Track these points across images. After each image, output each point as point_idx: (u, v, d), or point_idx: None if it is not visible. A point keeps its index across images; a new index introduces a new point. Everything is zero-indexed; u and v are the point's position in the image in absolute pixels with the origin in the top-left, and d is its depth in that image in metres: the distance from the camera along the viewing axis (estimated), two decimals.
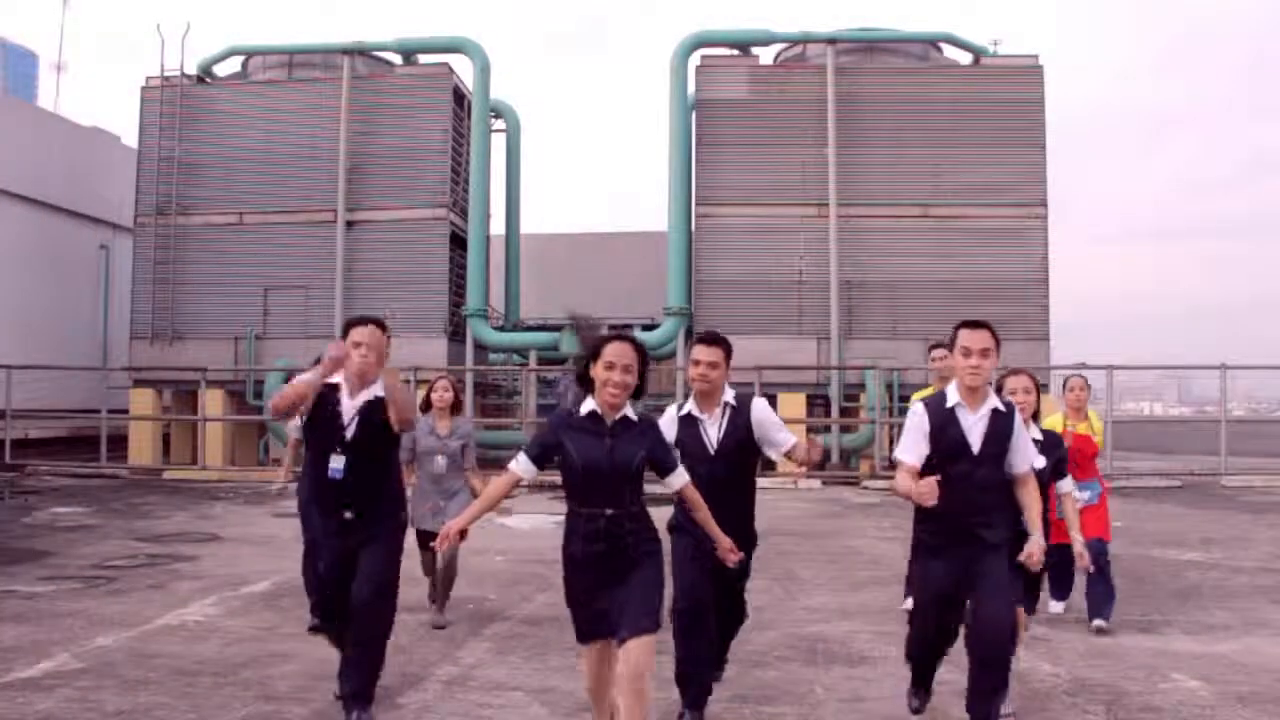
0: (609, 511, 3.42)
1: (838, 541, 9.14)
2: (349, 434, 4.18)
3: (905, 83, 16.71)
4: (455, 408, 6.22)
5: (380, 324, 4.30)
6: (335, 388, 4.24)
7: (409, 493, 5.63)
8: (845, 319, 16.28)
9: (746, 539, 4.20)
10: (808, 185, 16.37)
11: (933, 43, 17.43)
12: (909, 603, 5.87)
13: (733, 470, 4.20)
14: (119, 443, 16.91)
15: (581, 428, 3.49)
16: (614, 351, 3.47)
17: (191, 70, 17.89)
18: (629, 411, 3.53)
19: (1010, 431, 3.98)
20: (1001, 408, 3.99)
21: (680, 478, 3.64)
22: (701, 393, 4.26)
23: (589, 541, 3.44)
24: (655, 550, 3.52)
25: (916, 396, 6.44)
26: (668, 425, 4.16)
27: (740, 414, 4.25)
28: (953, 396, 3.99)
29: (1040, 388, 4.67)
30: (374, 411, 4.20)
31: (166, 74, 17.66)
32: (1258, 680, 4.79)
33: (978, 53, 17.22)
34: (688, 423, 4.25)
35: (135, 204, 17.69)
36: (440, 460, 5.98)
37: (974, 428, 3.93)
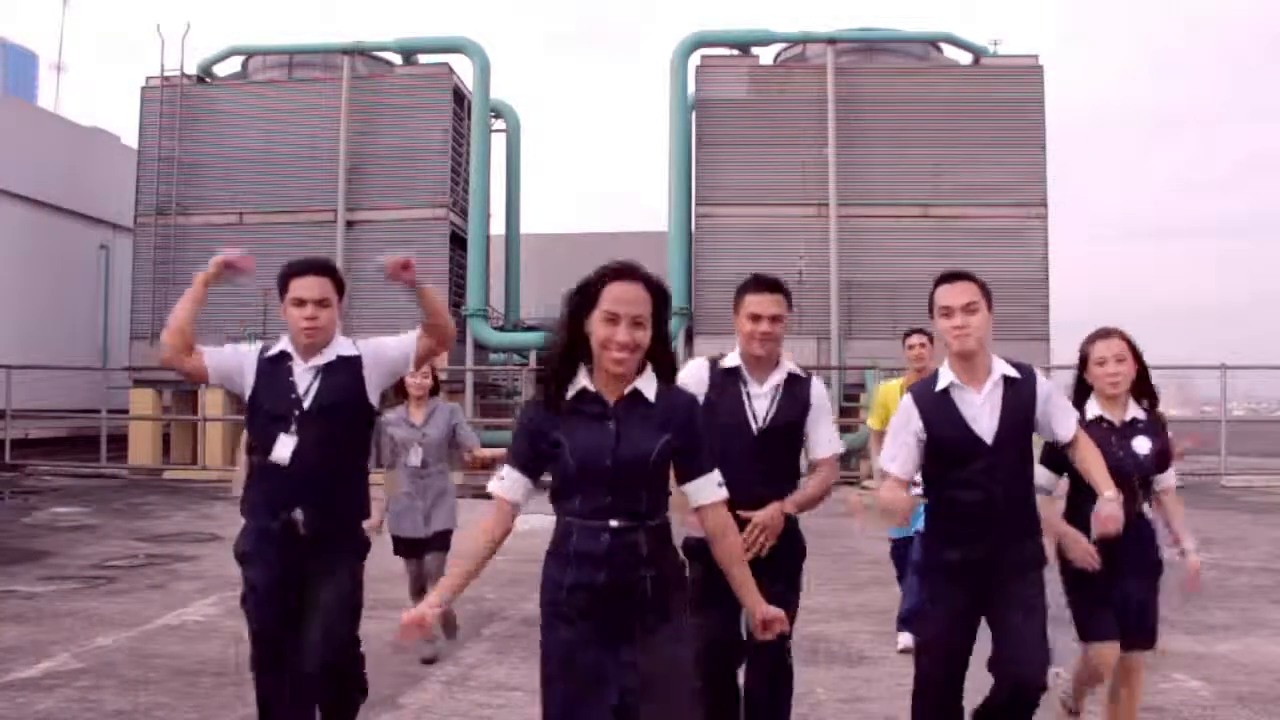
0: (614, 524, 2.36)
1: (838, 541, 9.13)
2: (306, 403, 3.18)
3: (905, 83, 16.70)
4: (435, 390, 5.46)
5: (331, 271, 3.30)
6: (284, 356, 3.28)
7: (382, 499, 4.97)
8: (845, 319, 16.28)
9: (791, 549, 3.16)
10: (808, 185, 16.36)
11: (933, 43, 17.43)
12: (903, 639, 5.26)
13: (778, 455, 3.20)
14: (119, 443, 16.91)
15: (572, 410, 2.44)
16: (617, 296, 2.37)
17: (191, 70, 17.87)
18: (643, 384, 2.44)
19: (1034, 402, 3.09)
20: (1014, 373, 3.11)
21: (707, 489, 2.49)
22: (757, 358, 3.22)
23: (584, 567, 2.36)
24: (681, 595, 2.48)
25: (885, 387, 5.86)
26: (695, 381, 3.12)
27: (800, 389, 3.26)
28: (945, 375, 3.15)
29: (1139, 355, 3.55)
30: (339, 373, 3.25)
31: (166, 74, 17.64)
32: (1258, 680, 4.80)
33: (978, 53, 17.22)
34: (727, 379, 3.21)
35: (135, 204, 17.68)
36: (417, 452, 5.24)
37: (981, 410, 3.06)
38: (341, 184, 17.01)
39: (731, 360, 3.25)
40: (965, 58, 17.36)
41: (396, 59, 18.18)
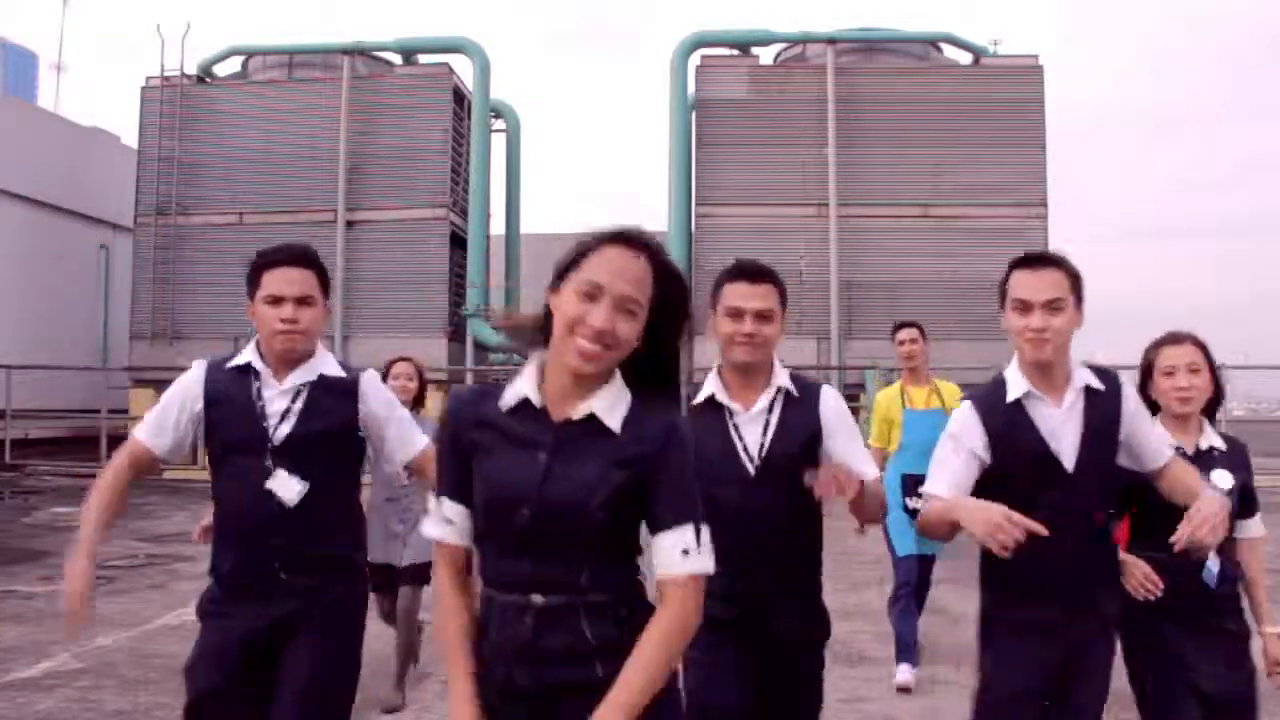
0: (538, 599, 1.66)
1: (838, 542, 9.11)
2: (281, 432, 2.53)
3: (905, 83, 16.71)
4: (419, 401, 4.69)
5: (313, 262, 2.62)
6: (246, 372, 2.59)
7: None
8: (845, 319, 16.29)
9: (812, 622, 2.52)
10: (808, 185, 16.37)
11: (933, 43, 17.44)
12: (902, 673, 4.83)
13: (783, 501, 2.41)
14: (119, 443, 16.76)
15: (501, 425, 1.73)
16: (608, 265, 1.67)
17: (191, 70, 17.90)
18: (603, 402, 1.70)
19: (1119, 417, 2.46)
20: (1096, 383, 2.47)
21: (670, 553, 1.66)
22: (739, 366, 2.50)
23: (507, 662, 1.67)
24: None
25: (884, 396, 5.34)
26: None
27: (804, 406, 2.48)
28: (1016, 383, 2.48)
29: (1216, 368, 2.87)
30: (323, 396, 2.59)
31: (166, 74, 17.68)
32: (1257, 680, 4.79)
33: (978, 53, 17.23)
34: (708, 415, 2.47)
35: (135, 204, 17.71)
36: (403, 472, 4.37)
37: (1062, 426, 2.43)
38: (341, 184, 17.02)
39: (707, 387, 2.52)
40: (965, 58, 17.37)
41: (396, 59, 18.20)
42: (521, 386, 1.74)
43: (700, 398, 2.52)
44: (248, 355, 2.61)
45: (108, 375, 17.64)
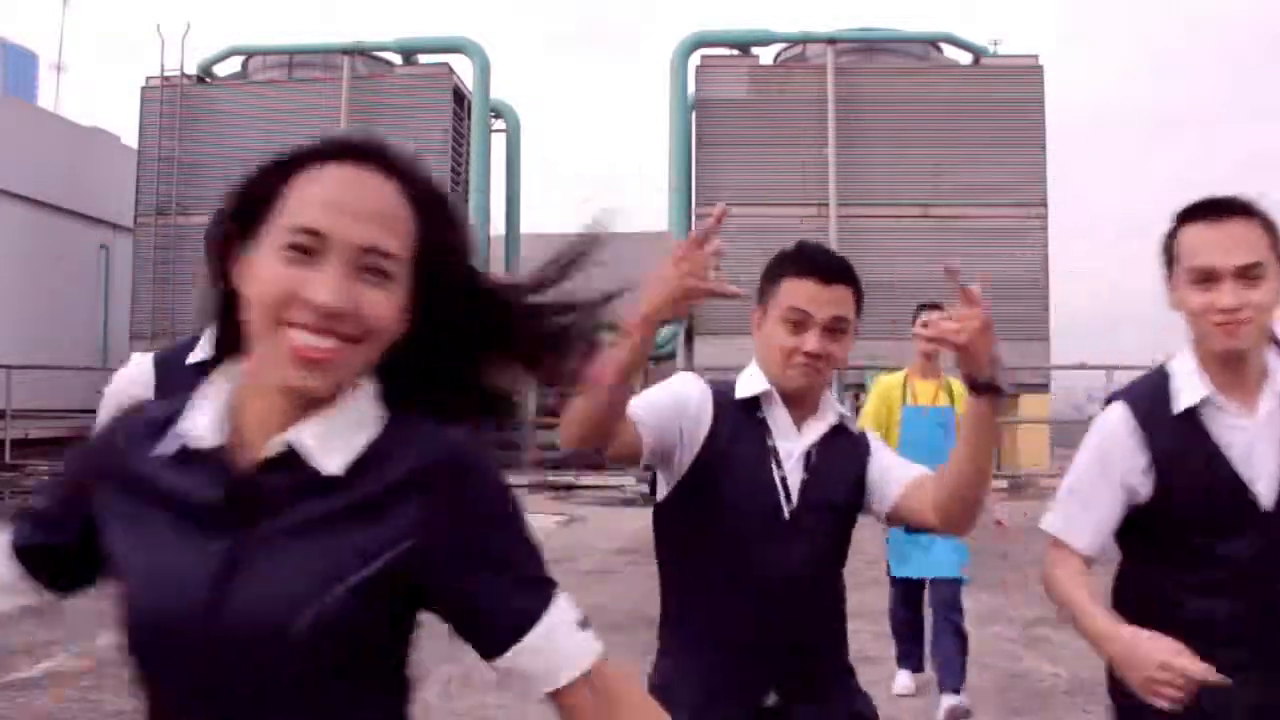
0: None
1: None
2: None
3: (905, 83, 16.72)
4: None
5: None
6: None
7: None
8: None
9: (854, 706, 2.03)
10: (808, 185, 16.38)
11: (933, 43, 17.45)
12: (901, 679, 4.88)
13: (822, 558, 1.89)
14: None
15: (157, 481, 1.00)
16: (324, 198, 1.04)
17: (191, 70, 17.92)
18: (316, 422, 0.99)
19: None
20: None
21: (566, 641, 1.00)
22: (795, 390, 1.87)
23: None
24: None
25: (886, 383, 4.85)
26: (696, 403, 1.83)
27: (855, 446, 1.94)
28: (1191, 384, 1.77)
29: None
30: None
31: (166, 74, 17.70)
32: None
33: (978, 53, 17.24)
34: (744, 418, 1.86)
35: (135, 204, 17.73)
36: None
37: (1257, 444, 1.73)
38: None
39: (752, 383, 1.89)
40: (965, 58, 17.38)
41: (396, 59, 18.22)
42: (194, 421, 1.02)
43: (742, 392, 1.88)
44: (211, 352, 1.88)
45: (108, 375, 17.45)
